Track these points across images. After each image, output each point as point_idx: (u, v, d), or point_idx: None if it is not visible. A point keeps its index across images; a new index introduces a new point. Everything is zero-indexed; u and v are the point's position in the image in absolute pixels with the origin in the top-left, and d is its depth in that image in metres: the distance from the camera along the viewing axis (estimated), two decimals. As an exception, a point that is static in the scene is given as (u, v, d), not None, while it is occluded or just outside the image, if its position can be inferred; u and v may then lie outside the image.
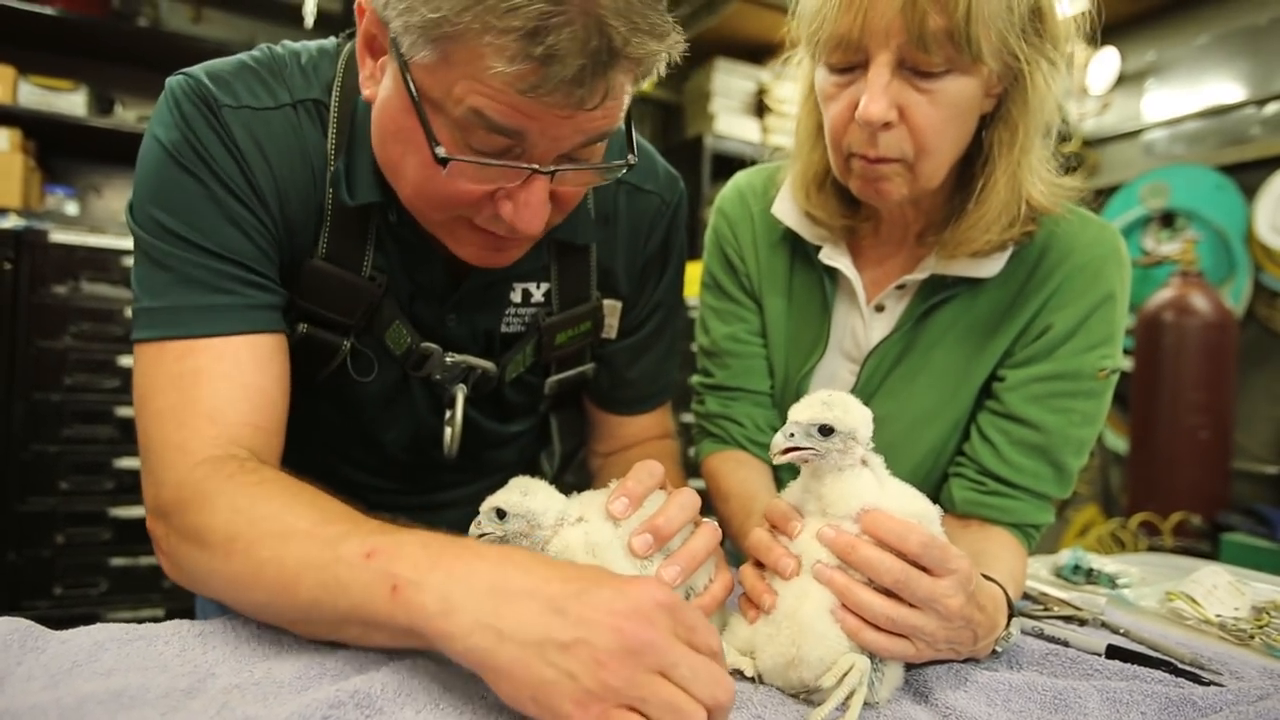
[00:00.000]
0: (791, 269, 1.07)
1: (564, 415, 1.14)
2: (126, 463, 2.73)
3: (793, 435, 0.66)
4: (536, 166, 0.70)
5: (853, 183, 0.91)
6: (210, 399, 0.74)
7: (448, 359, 0.94)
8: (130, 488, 2.72)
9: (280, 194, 0.81)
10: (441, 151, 0.68)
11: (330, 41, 0.89)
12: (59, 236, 2.70)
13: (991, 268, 0.93)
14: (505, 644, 0.53)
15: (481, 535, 0.70)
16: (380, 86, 0.74)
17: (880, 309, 1.02)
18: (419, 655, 0.67)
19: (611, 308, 1.02)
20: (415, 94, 0.67)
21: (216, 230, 0.77)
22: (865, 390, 1.01)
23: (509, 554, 0.60)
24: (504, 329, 0.97)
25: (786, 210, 1.03)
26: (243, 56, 0.84)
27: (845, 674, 0.62)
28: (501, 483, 1.02)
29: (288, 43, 0.88)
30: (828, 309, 1.04)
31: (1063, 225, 0.95)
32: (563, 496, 0.71)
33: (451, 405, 0.97)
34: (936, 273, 0.95)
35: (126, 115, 3.27)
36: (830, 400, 0.67)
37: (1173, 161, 3.34)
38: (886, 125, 0.81)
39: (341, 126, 0.83)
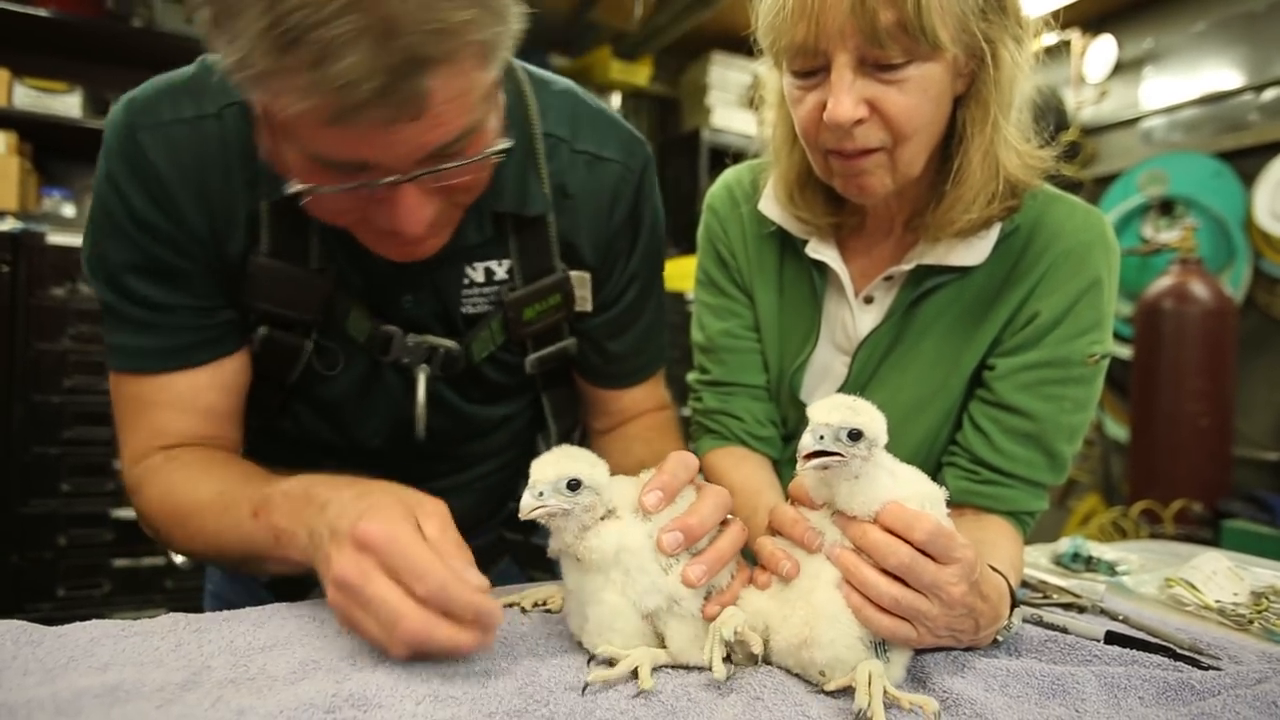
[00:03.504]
0: (781, 263, 1.08)
1: (556, 394, 1.13)
2: (127, 463, 2.74)
3: (822, 438, 0.64)
4: (393, 179, 0.68)
5: (836, 181, 0.91)
6: (154, 420, 0.89)
7: (409, 340, 0.94)
8: (131, 489, 2.73)
9: (205, 205, 0.84)
10: (292, 188, 0.69)
11: None
12: (56, 239, 2.70)
13: (977, 255, 0.93)
14: (314, 554, 0.68)
15: (534, 512, 0.65)
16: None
17: (869, 300, 1.02)
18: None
19: (580, 279, 1.00)
20: (270, 129, 0.69)
21: (142, 275, 0.85)
22: (857, 381, 1.01)
23: (333, 494, 0.70)
24: (469, 309, 0.97)
25: (773, 206, 1.04)
26: (180, 71, 0.86)
27: (869, 682, 0.62)
28: (496, 470, 1.05)
29: None
30: (818, 302, 1.04)
31: (1048, 211, 0.95)
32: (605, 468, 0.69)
33: (415, 388, 0.97)
34: (923, 263, 0.95)
35: (122, 116, 3.27)
36: (857, 407, 0.66)
37: (1171, 149, 3.33)
38: (859, 121, 0.82)
39: None
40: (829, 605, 0.66)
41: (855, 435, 0.64)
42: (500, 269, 0.96)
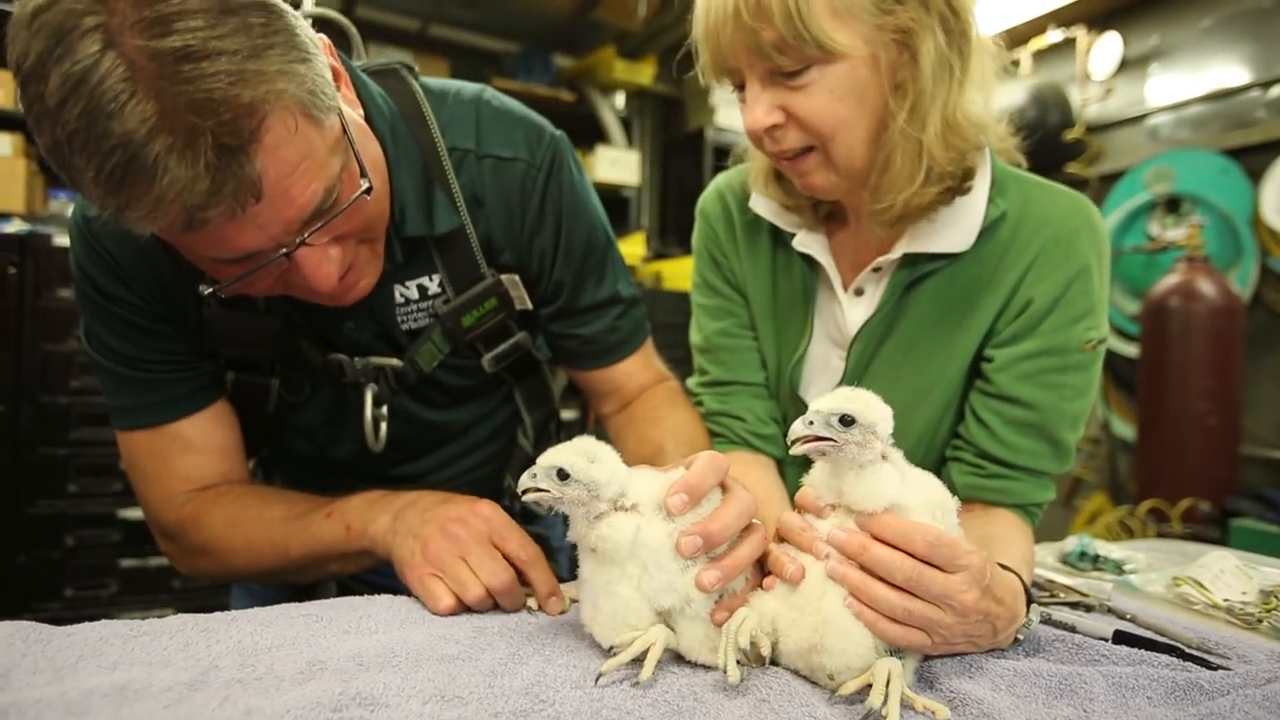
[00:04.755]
0: (774, 260, 1.09)
1: (527, 386, 1.18)
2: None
3: (812, 424, 0.66)
4: (284, 251, 0.72)
5: (790, 179, 0.96)
6: (180, 466, 0.98)
7: (357, 364, 1.01)
8: (138, 489, 2.74)
9: (156, 277, 0.91)
10: (205, 289, 0.76)
11: None
12: (63, 240, 2.71)
13: (962, 241, 0.94)
14: (396, 537, 0.84)
15: (526, 492, 0.67)
16: None
17: (860, 292, 1.02)
18: (422, 650, 0.67)
19: (511, 281, 1.03)
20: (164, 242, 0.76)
21: (130, 340, 0.94)
22: (854, 374, 1.01)
23: (413, 499, 0.87)
24: (409, 325, 1.01)
25: (761, 202, 1.06)
26: None
27: (886, 681, 0.62)
28: (483, 462, 1.14)
29: None
30: (809, 296, 1.05)
31: (1035, 198, 0.96)
32: (626, 469, 0.69)
33: (362, 405, 1.04)
34: (909, 251, 0.96)
35: (128, 118, 3.28)
36: (853, 395, 0.67)
37: (1177, 146, 3.31)
38: (775, 127, 0.88)
39: None
40: (840, 616, 0.65)
41: (847, 421, 0.65)
42: (432, 284, 1.00)
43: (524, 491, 0.66)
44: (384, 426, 1.04)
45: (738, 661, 0.63)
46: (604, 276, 1.09)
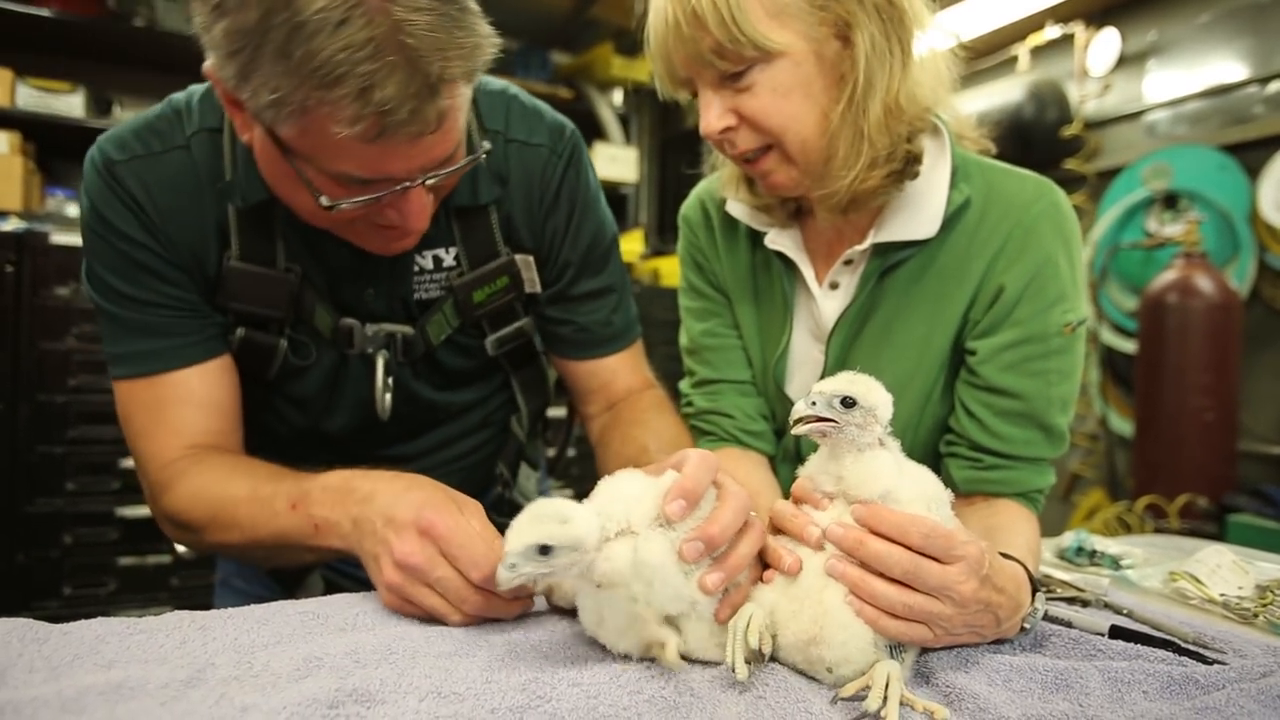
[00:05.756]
0: (752, 260, 1.11)
1: (524, 375, 1.20)
2: (132, 462, 2.74)
3: (815, 404, 0.67)
4: (408, 184, 0.81)
5: (756, 181, 0.98)
6: (174, 419, 0.96)
7: (368, 330, 1.03)
8: (136, 487, 2.72)
9: (180, 222, 0.94)
10: (326, 201, 0.79)
11: None
12: (60, 238, 2.71)
13: (927, 228, 0.95)
14: (361, 552, 0.78)
15: (514, 582, 0.62)
16: (254, 134, 0.82)
17: (835, 286, 1.04)
18: (419, 647, 0.67)
19: (525, 262, 1.08)
20: (288, 155, 0.78)
21: (141, 285, 0.94)
22: (834, 367, 1.03)
23: (367, 493, 0.79)
24: (421, 295, 1.05)
25: (736, 206, 1.09)
26: (149, 111, 0.98)
27: (885, 684, 0.61)
28: (473, 450, 1.16)
29: (194, 86, 0.99)
30: (787, 293, 1.07)
31: (999, 184, 0.97)
32: (590, 509, 0.65)
33: (374, 372, 1.05)
34: (877, 241, 0.97)
35: (125, 115, 3.27)
36: (855, 378, 0.68)
37: (1175, 142, 3.31)
38: (728, 129, 0.91)
39: (235, 143, 0.93)
40: (840, 610, 0.65)
41: (849, 403, 0.66)
42: (448, 256, 1.04)
43: (509, 586, 0.62)
44: (388, 398, 1.06)
45: (745, 660, 0.63)
46: (605, 269, 1.14)
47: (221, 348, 0.99)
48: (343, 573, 1.20)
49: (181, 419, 0.96)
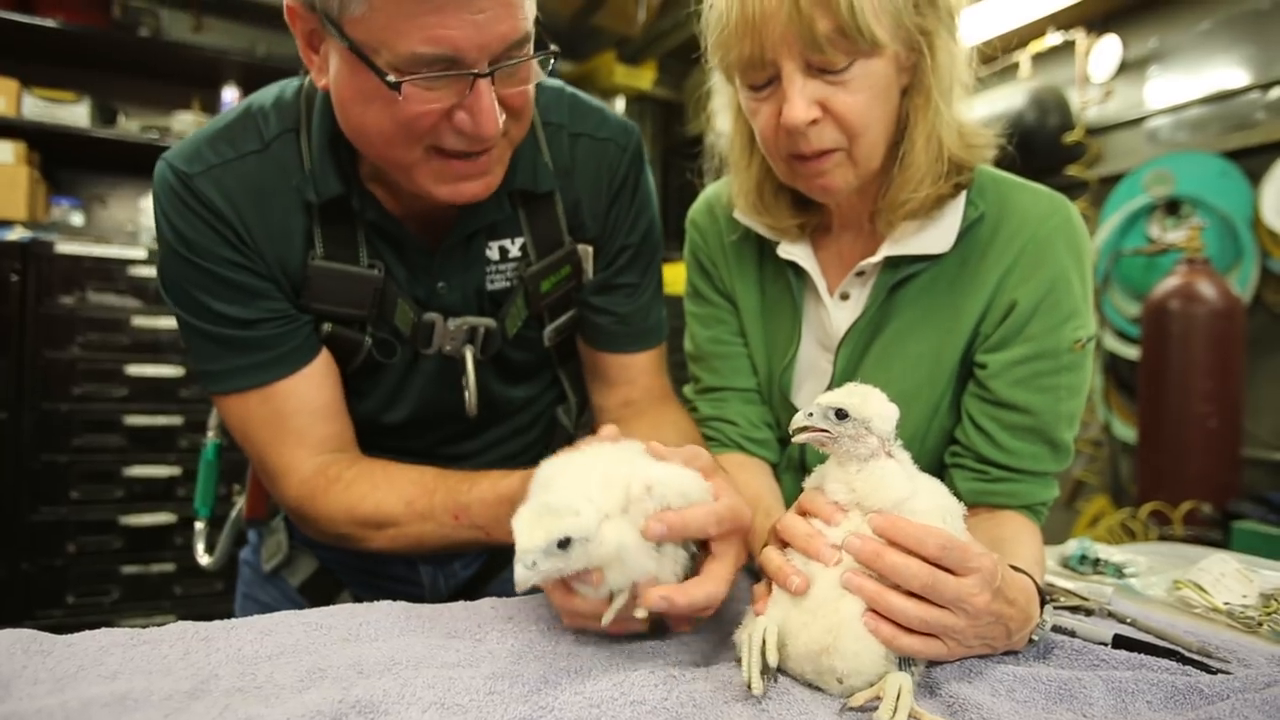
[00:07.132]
0: (761, 268, 1.11)
1: (570, 369, 1.22)
2: (136, 471, 2.75)
3: (811, 415, 0.69)
4: (476, 71, 0.80)
5: (799, 184, 0.95)
6: (295, 430, 0.98)
7: (450, 325, 1.04)
8: (140, 496, 2.74)
9: (263, 227, 0.94)
10: (393, 78, 0.78)
11: (295, 80, 1.02)
12: (65, 247, 2.72)
13: (943, 242, 0.95)
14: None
15: (533, 573, 0.63)
16: (329, 71, 0.85)
17: (845, 297, 1.04)
18: (422, 658, 0.67)
19: (585, 252, 1.09)
20: (356, 46, 0.78)
21: (236, 303, 0.94)
22: (843, 378, 1.01)
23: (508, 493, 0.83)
24: (491, 286, 1.06)
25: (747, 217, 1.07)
26: (218, 119, 0.98)
27: (897, 696, 0.62)
28: (522, 450, 1.20)
29: (267, 89, 1.01)
30: (796, 302, 1.06)
31: (1013, 198, 0.97)
32: (586, 496, 0.66)
33: (464, 368, 1.05)
34: (891, 254, 0.97)
35: (129, 125, 3.29)
36: (853, 390, 0.70)
37: (1177, 148, 3.31)
38: (813, 123, 0.86)
39: (314, 144, 0.95)
40: (855, 621, 0.66)
41: (841, 414, 0.68)
42: (514, 246, 1.06)
43: (528, 585, 0.63)
44: (472, 393, 1.07)
45: (760, 672, 0.63)
46: (650, 266, 1.17)
47: (319, 345, 1.00)
48: (376, 588, 1.19)
49: (302, 429, 0.98)
